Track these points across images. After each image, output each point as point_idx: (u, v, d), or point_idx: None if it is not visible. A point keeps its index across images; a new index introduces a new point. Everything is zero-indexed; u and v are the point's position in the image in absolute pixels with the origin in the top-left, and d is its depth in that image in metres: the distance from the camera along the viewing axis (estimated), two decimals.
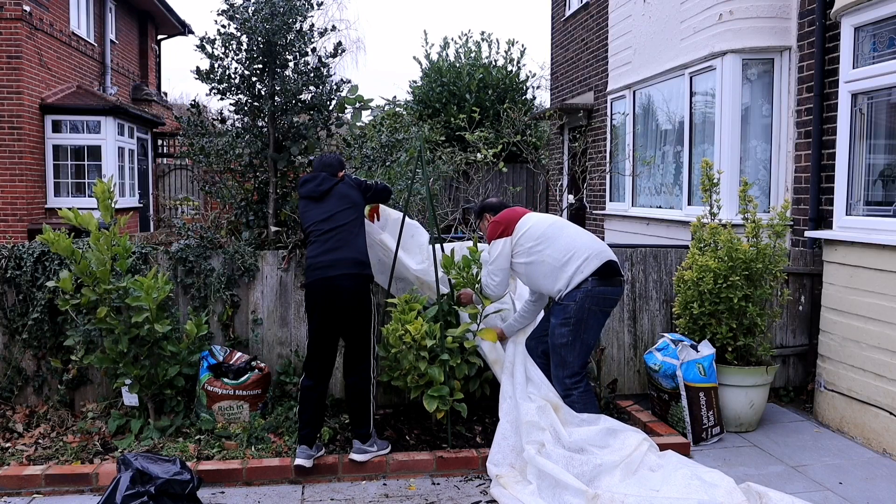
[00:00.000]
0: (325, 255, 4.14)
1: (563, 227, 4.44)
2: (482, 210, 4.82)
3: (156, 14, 17.43)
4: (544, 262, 4.29)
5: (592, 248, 4.29)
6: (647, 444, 4.08)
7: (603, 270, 4.23)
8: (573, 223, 4.65)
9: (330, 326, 4.16)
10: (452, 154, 8.34)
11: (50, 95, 12.52)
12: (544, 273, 4.31)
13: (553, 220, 4.48)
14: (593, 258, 4.24)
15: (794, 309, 5.66)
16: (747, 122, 6.66)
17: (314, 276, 4.14)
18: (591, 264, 4.22)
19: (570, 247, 4.27)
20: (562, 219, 4.60)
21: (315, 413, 4.17)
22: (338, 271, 4.09)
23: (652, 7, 8.18)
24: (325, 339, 4.19)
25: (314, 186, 4.31)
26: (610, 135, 9.76)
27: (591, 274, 4.20)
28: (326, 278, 4.10)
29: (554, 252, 4.27)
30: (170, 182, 16.63)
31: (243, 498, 3.94)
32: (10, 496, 3.96)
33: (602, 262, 4.25)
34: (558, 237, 4.32)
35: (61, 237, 4.36)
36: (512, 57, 17.46)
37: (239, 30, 5.34)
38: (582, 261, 4.23)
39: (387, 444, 4.35)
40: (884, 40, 4.82)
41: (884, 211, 4.92)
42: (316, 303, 4.15)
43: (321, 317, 4.15)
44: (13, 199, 11.68)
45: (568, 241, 4.30)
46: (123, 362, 4.46)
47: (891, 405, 4.51)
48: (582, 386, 4.32)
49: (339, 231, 4.18)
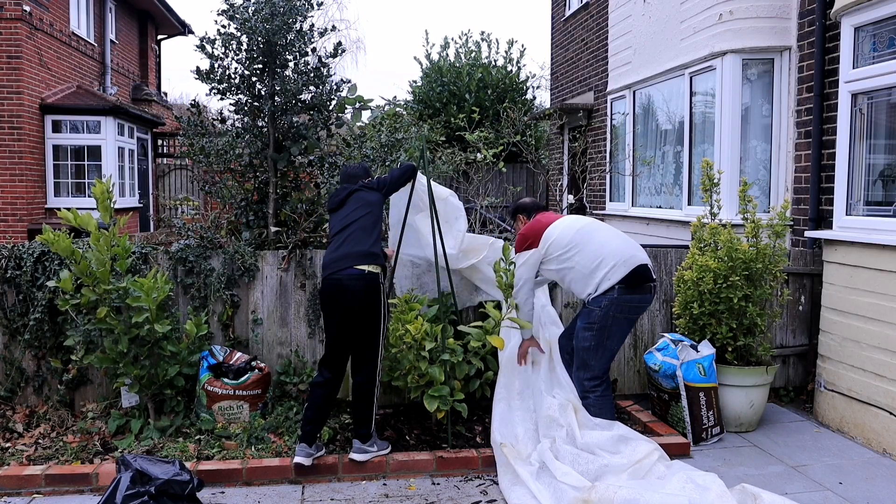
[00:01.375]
0: (333, 253, 4.24)
1: (593, 232, 4.39)
2: (516, 211, 4.84)
3: (156, 14, 17.43)
4: (574, 269, 4.32)
5: (621, 255, 4.25)
6: (657, 454, 4.08)
7: (630, 278, 4.21)
8: (606, 225, 4.63)
9: (338, 325, 4.19)
10: (452, 154, 8.34)
11: (50, 95, 12.52)
12: (574, 279, 4.35)
13: (582, 225, 4.42)
14: (620, 266, 4.21)
15: (794, 309, 5.66)
16: (747, 122, 6.66)
17: (324, 275, 4.25)
18: (618, 272, 4.20)
19: (598, 254, 4.26)
20: (593, 221, 4.53)
21: (319, 411, 4.18)
22: (344, 266, 4.14)
23: (652, 7, 8.18)
24: (336, 337, 4.22)
25: (333, 198, 4.48)
26: (610, 135, 9.76)
27: (617, 282, 4.19)
28: (334, 277, 4.16)
29: (583, 259, 4.28)
30: (170, 182, 16.62)
31: (243, 498, 3.94)
32: (10, 496, 3.96)
33: (629, 269, 4.22)
34: (588, 243, 4.30)
35: (61, 237, 4.36)
36: (512, 57, 17.46)
37: (239, 30, 5.34)
38: (609, 268, 4.21)
39: (387, 444, 4.35)
40: (884, 40, 4.82)
41: (884, 211, 4.92)
42: (325, 301, 4.24)
43: (329, 315, 4.23)
44: (13, 199, 11.68)
45: (596, 247, 4.28)
46: (123, 362, 4.46)
47: (891, 405, 4.51)
48: (600, 390, 4.34)
49: (350, 230, 4.26)
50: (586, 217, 4.66)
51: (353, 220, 4.30)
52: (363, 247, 4.20)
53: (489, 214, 8.58)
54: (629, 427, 4.32)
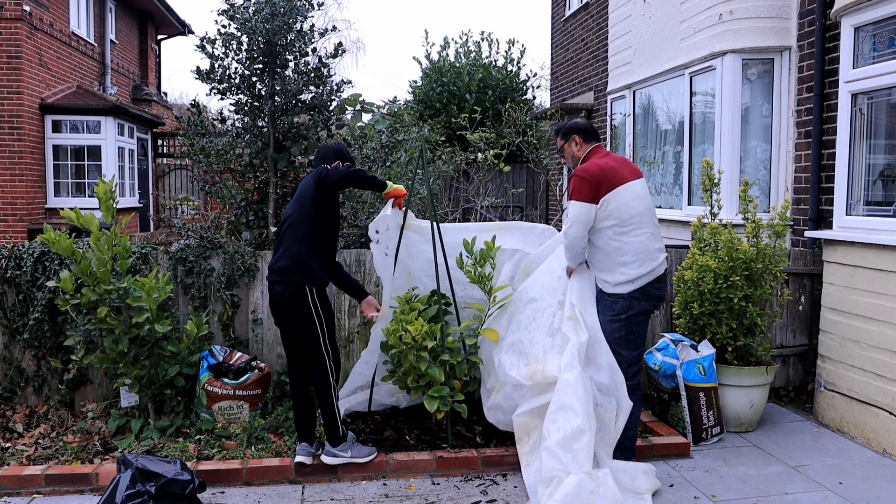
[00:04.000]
0: (272, 258, 4.14)
1: (650, 216, 3.97)
2: (571, 131, 4.09)
3: (156, 14, 17.43)
4: (606, 250, 3.91)
5: (654, 260, 3.95)
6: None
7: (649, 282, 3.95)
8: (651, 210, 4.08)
9: (280, 325, 4.21)
10: (453, 154, 8.34)
11: (50, 95, 12.52)
12: (601, 260, 3.96)
13: (649, 203, 3.97)
14: (647, 275, 3.92)
15: (794, 309, 5.66)
16: (747, 122, 6.66)
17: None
18: (644, 280, 3.92)
19: (639, 249, 3.89)
20: (647, 201, 4.00)
21: (300, 406, 4.18)
22: (272, 277, 4.09)
23: (652, 7, 8.18)
24: (282, 334, 4.27)
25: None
26: (610, 135, 9.76)
27: (639, 287, 3.93)
28: (269, 281, 4.13)
29: (631, 245, 3.87)
30: (170, 182, 16.62)
31: (243, 498, 3.94)
32: (10, 496, 3.96)
33: (654, 278, 3.97)
34: (640, 227, 3.89)
35: (62, 237, 4.36)
36: (512, 57, 17.46)
37: (239, 30, 5.34)
38: (639, 274, 3.89)
39: (369, 451, 4.20)
40: (884, 40, 4.82)
41: (884, 211, 4.92)
42: (269, 301, 4.25)
43: (273, 315, 4.23)
44: (13, 199, 11.69)
45: (644, 239, 3.91)
46: (123, 362, 4.46)
47: (891, 405, 4.51)
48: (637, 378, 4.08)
49: (282, 232, 4.11)
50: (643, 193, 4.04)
51: (286, 217, 4.13)
52: (285, 262, 4.01)
53: (489, 214, 8.58)
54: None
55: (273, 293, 4.10)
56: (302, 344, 4.11)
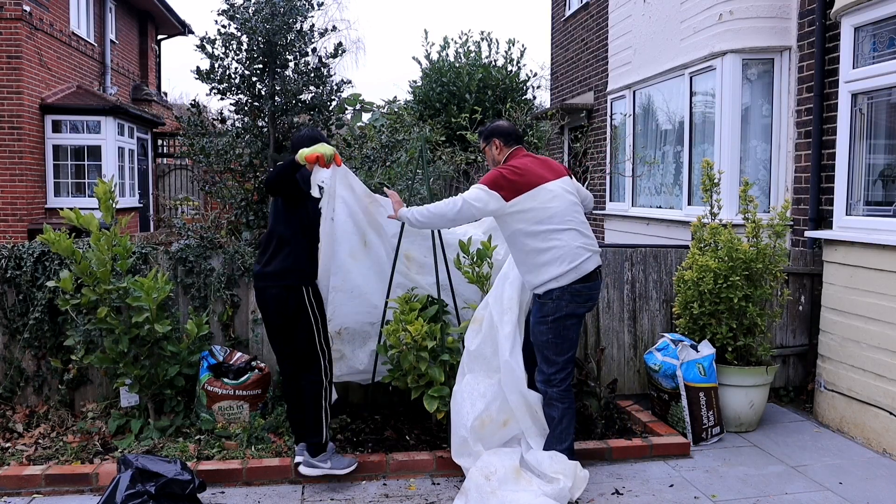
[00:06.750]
0: (257, 263, 4.07)
1: (568, 214, 3.89)
2: (491, 134, 4.09)
3: (156, 14, 17.44)
4: (526, 252, 3.87)
5: (576, 257, 3.85)
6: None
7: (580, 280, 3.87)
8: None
9: (271, 329, 4.12)
10: (453, 154, 8.34)
11: (50, 95, 12.53)
12: (523, 262, 3.92)
13: (572, 202, 3.91)
14: (571, 272, 3.83)
15: (794, 309, 5.66)
16: (747, 122, 6.66)
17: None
18: (569, 277, 3.84)
19: (560, 248, 3.82)
20: (568, 199, 3.93)
21: (293, 408, 4.16)
22: (264, 282, 4.01)
23: (652, 7, 8.18)
24: (271, 336, 4.17)
25: None
26: (610, 135, 9.76)
27: (566, 284, 3.85)
28: (257, 287, 4.06)
29: (556, 243, 3.81)
30: (170, 182, 16.63)
31: (243, 498, 3.94)
32: (10, 496, 3.96)
33: (580, 276, 3.86)
34: (564, 229, 3.84)
35: (62, 237, 4.36)
36: (512, 57, 17.45)
37: (239, 30, 5.35)
38: (561, 273, 3.82)
39: (350, 462, 4.07)
40: (884, 40, 4.82)
41: (884, 211, 4.92)
42: (259, 306, 4.14)
43: (264, 319, 4.13)
44: (13, 199, 11.69)
45: (568, 238, 3.85)
46: (123, 362, 4.46)
47: (891, 405, 4.51)
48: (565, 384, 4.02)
49: (269, 238, 4.04)
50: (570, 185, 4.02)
51: (269, 222, 4.07)
52: (276, 265, 3.95)
53: None
54: (629, 426, 4.27)
55: (266, 296, 4.01)
56: (297, 345, 4.06)
